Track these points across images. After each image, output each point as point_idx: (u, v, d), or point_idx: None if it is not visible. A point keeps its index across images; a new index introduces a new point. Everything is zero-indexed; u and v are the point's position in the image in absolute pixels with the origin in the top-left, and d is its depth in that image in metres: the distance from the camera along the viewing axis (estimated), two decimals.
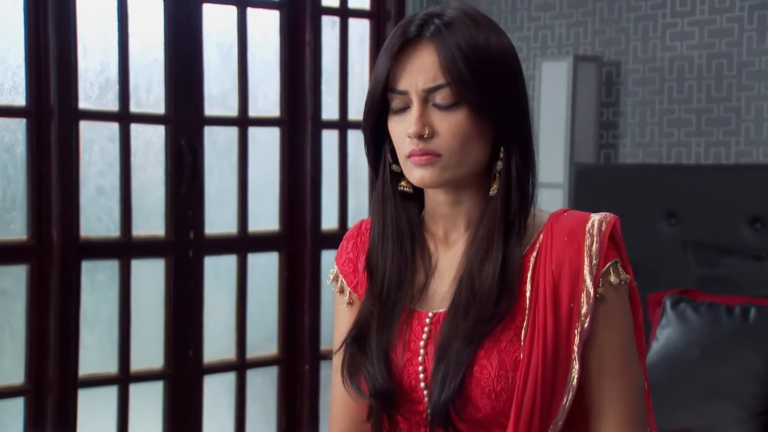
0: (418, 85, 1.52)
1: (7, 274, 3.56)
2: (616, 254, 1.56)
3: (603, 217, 1.57)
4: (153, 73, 3.82)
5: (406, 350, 1.57)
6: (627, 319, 1.57)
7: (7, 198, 3.56)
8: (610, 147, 4.12)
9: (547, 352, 1.50)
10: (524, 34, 4.34)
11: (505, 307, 1.52)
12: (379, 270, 1.61)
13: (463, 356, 1.51)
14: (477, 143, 1.53)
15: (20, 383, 3.59)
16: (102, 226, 3.74)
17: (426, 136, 1.52)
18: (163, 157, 3.84)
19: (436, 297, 1.60)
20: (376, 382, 1.55)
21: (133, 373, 3.79)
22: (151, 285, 3.83)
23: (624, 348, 1.55)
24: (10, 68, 3.54)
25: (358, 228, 1.72)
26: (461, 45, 1.50)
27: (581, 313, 1.52)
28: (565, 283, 1.52)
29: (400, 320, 1.58)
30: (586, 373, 1.55)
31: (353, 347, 1.59)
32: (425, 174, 1.53)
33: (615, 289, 1.54)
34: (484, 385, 1.51)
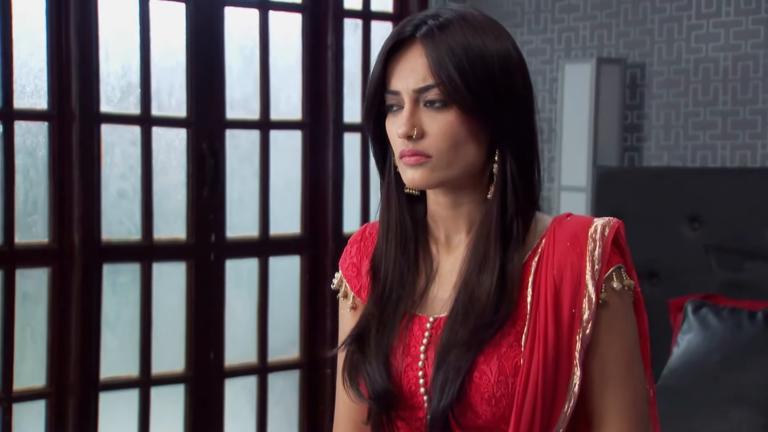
0: (409, 86, 1.52)
1: (28, 277, 3.57)
2: (620, 259, 1.54)
3: (606, 221, 1.54)
4: (175, 77, 3.83)
5: (406, 355, 1.55)
6: (631, 326, 1.54)
7: (28, 201, 3.57)
8: (635, 150, 4.08)
9: (548, 358, 1.48)
10: (548, 36, 4.30)
11: (503, 314, 1.51)
12: (382, 272, 1.60)
13: (462, 362, 1.49)
14: (469, 144, 1.52)
15: (42, 386, 3.60)
16: (123, 230, 3.75)
17: (415, 136, 1.51)
18: (184, 160, 3.84)
19: (438, 302, 1.58)
20: (375, 384, 1.54)
21: (155, 377, 3.79)
22: (173, 288, 3.84)
23: (627, 355, 1.53)
24: (32, 72, 3.55)
25: (362, 232, 1.71)
26: (452, 47, 1.49)
27: (583, 319, 1.50)
28: (566, 288, 1.50)
29: (401, 325, 1.57)
30: (588, 379, 1.52)
31: (354, 348, 1.58)
32: (415, 175, 1.52)
33: (618, 294, 1.52)
34: (483, 391, 1.49)
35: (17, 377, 3.53)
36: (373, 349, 1.56)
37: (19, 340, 3.53)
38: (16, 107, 3.50)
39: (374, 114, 1.57)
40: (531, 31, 4.34)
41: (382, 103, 1.56)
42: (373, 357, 1.55)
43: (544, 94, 4.30)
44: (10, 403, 3.52)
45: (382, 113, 1.57)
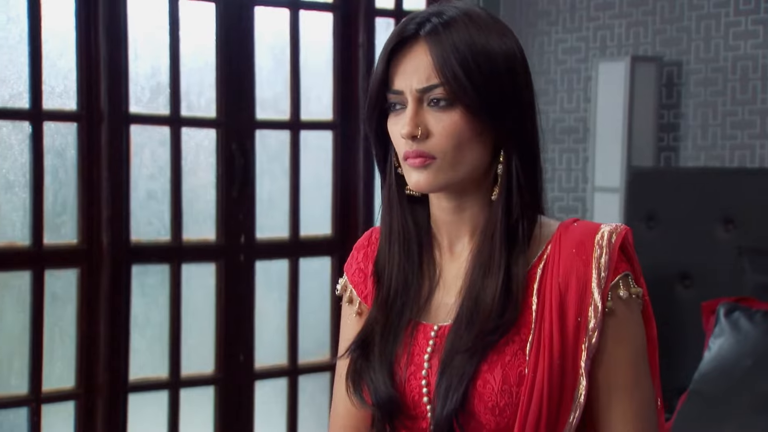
0: (413, 85, 1.48)
1: (57, 278, 3.57)
2: (627, 267, 1.49)
3: (614, 228, 1.50)
4: (204, 77, 3.81)
5: (410, 363, 1.52)
6: (638, 335, 1.50)
7: (57, 202, 3.57)
8: (671, 150, 4.01)
9: (553, 368, 1.45)
10: (583, 34, 4.24)
11: (508, 318, 1.47)
12: (386, 276, 1.56)
13: (465, 369, 1.46)
14: (474, 145, 1.48)
15: (71, 387, 3.60)
16: (152, 230, 3.74)
17: (419, 136, 1.47)
18: (214, 160, 3.83)
19: (442, 309, 1.55)
20: (378, 392, 1.51)
21: (184, 378, 3.78)
22: (202, 289, 3.82)
23: (634, 364, 1.49)
24: (61, 72, 3.55)
25: (368, 237, 1.67)
26: (457, 45, 1.46)
27: (588, 328, 1.46)
28: (572, 296, 1.47)
29: (406, 332, 1.53)
30: (594, 389, 1.48)
31: (358, 354, 1.54)
32: (420, 178, 1.49)
33: (625, 303, 1.48)
34: (487, 400, 1.45)
35: (46, 378, 3.53)
36: (378, 356, 1.52)
37: (48, 341, 3.53)
38: (45, 108, 3.50)
39: (376, 114, 1.53)
40: (566, 29, 4.28)
41: (384, 103, 1.52)
42: (377, 364, 1.52)
43: (578, 93, 4.24)
44: (39, 404, 3.52)
45: (384, 113, 1.53)
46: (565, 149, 4.27)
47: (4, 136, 3.47)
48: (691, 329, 3.36)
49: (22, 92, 3.47)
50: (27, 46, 3.46)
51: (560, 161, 4.29)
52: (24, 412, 3.52)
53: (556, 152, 4.30)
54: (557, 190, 4.29)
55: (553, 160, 4.30)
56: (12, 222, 3.49)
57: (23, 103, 3.47)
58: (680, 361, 3.36)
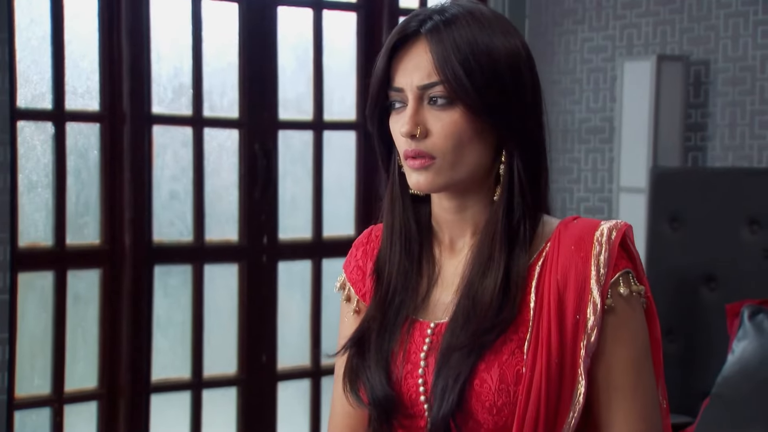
0: (413, 82, 1.46)
1: (80, 278, 3.58)
2: (628, 264, 1.47)
3: (614, 224, 1.48)
4: (227, 77, 3.81)
5: (406, 362, 1.50)
6: (640, 333, 1.47)
7: (80, 202, 3.58)
8: (698, 150, 3.96)
9: (551, 366, 1.42)
10: (609, 32, 4.20)
11: (506, 317, 1.45)
12: (386, 275, 1.55)
13: (462, 368, 1.44)
14: (474, 145, 1.46)
15: (93, 387, 3.61)
16: (175, 231, 3.74)
17: (418, 135, 1.45)
18: (236, 161, 3.82)
19: (440, 307, 1.53)
20: (374, 390, 1.49)
21: (206, 379, 3.78)
22: (224, 290, 3.82)
23: (636, 364, 1.46)
24: (84, 73, 3.56)
25: (368, 235, 1.65)
26: (458, 43, 1.44)
27: (587, 326, 1.43)
28: (570, 293, 1.44)
29: (402, 329, 1.51)
30: (595, 389, 1.46)
31: (354, 352, 1.53)
32: (420, 179, 1.47)
33: (626, 300, 1.45)
34: (484, 400, 1.43)
35: (69, 378, 3.54)
36: (374, 354, 1.51)
37: (70, 342, 3.54)
38: (67, 108, 3.51)
39: (378, 112, 1.52)
40: (592, 28, 4.24)
41: (386, 101, 1.50)
42: (373, 362, 1.50)
43: (604, 92, 4.20)
44: (62, 404, 3.53)
45: (386, 111, 1.51)
46: (590, 149, 4.23)
47: (27, 136, 3.48)
48: (715, 332, 3.31)
49: (45, 93, 3.48)
50: (50, 46, 3.47)
51: (586, 161, 4.25)
52: (46, 412, 3.53)
53: (582, 152, 4.26)
54: (583, 191, 4.25)
55: (578, 161, 4.26)
56: (35, 222, 3.50)
57: (46, 103, 3.48)
58: (705, 364, 3.32)
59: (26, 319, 3.48)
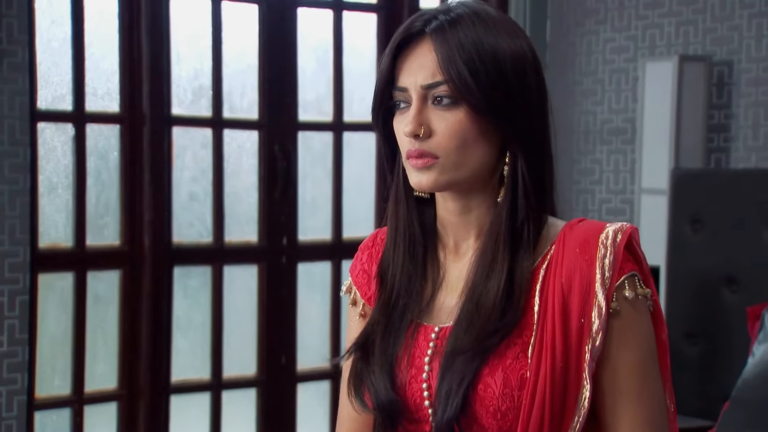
0: (417, 82, 1.45)
1: (100, 279, 3.59)
2: (634, 267, 1.44)
3: (619, 227, 1.46)
4: (247, 79, 3.81)
5: (410, 366, 1.49)
6: (646, 337, 1.45)
7: (100, 204, 3.59)
8: (721, 151, 3.93)
9: (556, 371, 1.40)
10: (631, 33, 4.17)
11: (509, 320, 1.43)
12: (390, 277, 1.53)
13: (466, 371, 1.42)
14: (478, 145, 1.45)
15: (113, 388, 3.62)
16: (194, 232, 3.75)
17: (422, 135, 1.44)
18: (256, 162, 3.82)
19: (444, 310, 1.51)
20: (379, 395, 1.48)
21: (226, 380, 3.78)
22: (244, 291, 3.82)
23: (641, 368, 1.43)
24: (105, 74, 3.57)
25: (373, 238, 1.64)
26: (463, 43, 1.43)
27: (592, 330, 1.41)
28: (575, 297, 1.42)
29: (407, 333, 1.50)
30: (600, 394, 1.44)
31: (358, 356, 1.51)
32: (422, 178, 1.45)
33: (631, 304, 1.43)
34: (488, 404, 1.42)
35: (89, 379, 3.55)
36: (378, 358, 1.49)
37: (90, 342, 3.56)
38: (87, 110, 3.52)
39: (382, 112, 1.51)
40: (614, 28, 4.21)
41: (390, 101, 1.49)
42: (378, 366, 1.49)
43: (627, 93, 4.17)
44: (82, 404, 3.54)
45: (391, 111, 1.50)
46: (612, 150, 4.20)
47: (48, 138, 3.49)
48: (736, 335, 3.28)
49: (65, 94, 3.50)
50: (70, 48, 3.49)
51: (608, 163, 4.22)
52: (67, 412, 3.54)
53: (604, 153, 4.23)
54: (605, 192, 4.22)
55: (600, 162, 4.23)
56: (55, 223, 3.52)
57: (66, 105, 3.50)
58: (726, 367, 3.28)
59: (46, 320, 3.50)
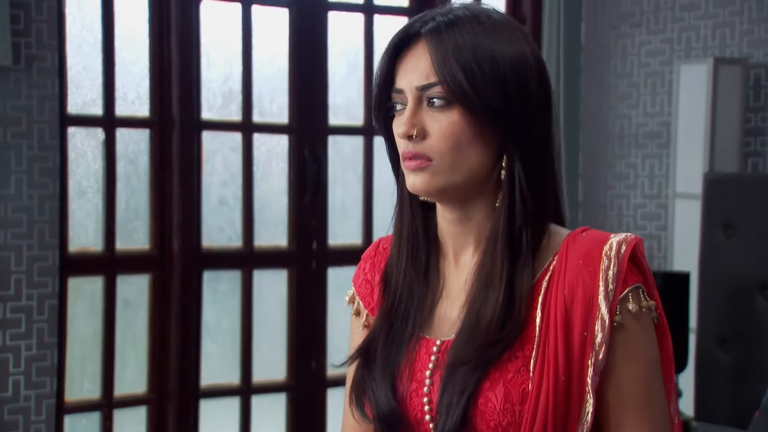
0: (412, 83, 1.43)
1: (130, 283, 3.60)
2: (638, 279, 1.41)
3: (623, 238, 1.42)
4: (277, 83, 3.81)
5: (412, 380, 1.46)
6: (650, 350, 1.41)
7: (130, 208, 3.60)
8: (758, 155, 3.86)
9: (558, 385, 1.37)
10: (667, 35, 4.11)
11: (510, 331, 1.40)
12: (393, 283, 1.51)
13: (467, 384, 1.39)
14: (473, 148, 1.41)
15: (142, 392, 3.62)
16: (224, 237, 3.74)
17: (415, 136, 1.41)
18: (286, 166, 3.82)
19: (446, 323, 1.48)
20: (380, 407, 1.45)
21: (255, 385, 3.77)
22: (274, 296, 3.81)
23: (646, 382, 1.40)
24: (135, 79, 3.58)
25: (375, 247, 1.62)
26: (459, 45, 1.40)
27: (595, 343, 1.38)
28: (577, 309, 1.39)
29: (408, 346, 1.47)
30: (603, 409, 1.40)
31: (360, 364, 1.49)
32: (416, 180, 1.43)
33: (635, 317, 1.40)
34: (489, 419, 1.38)
35: (118, 383, 3.56)
36: (379, 367, 1.47)
37: (119, 346, 3.56)
38: (117, 114, 3.53)
39: (383, 114, 1.48)
40: (649, 31, 4.16)
41: (389, 102, 1.47)
42: (379, 376, 1.46)
43: (662, 96, 4.12)
44: (111, 408, 3.55)
45: (391, 114, 1.48)
46: (648, 154, 4.15)
47: (78, 142, 3.51)
48: None
49: (95, 99, 3.51)
50: (100, 53, 3.50)
51: (643, 167, 4.16)
52: (96, 416, 3.55)
53: (639, 158, 4.17)
54: (639, 197, 4.17)
55: (635, 166, 4.18)
56: (85, 228, 3.53)
57: (96, 109, 3.51)
58: (760, 374, 3.22)
59: (76, 324, 3.51)
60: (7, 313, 3.33)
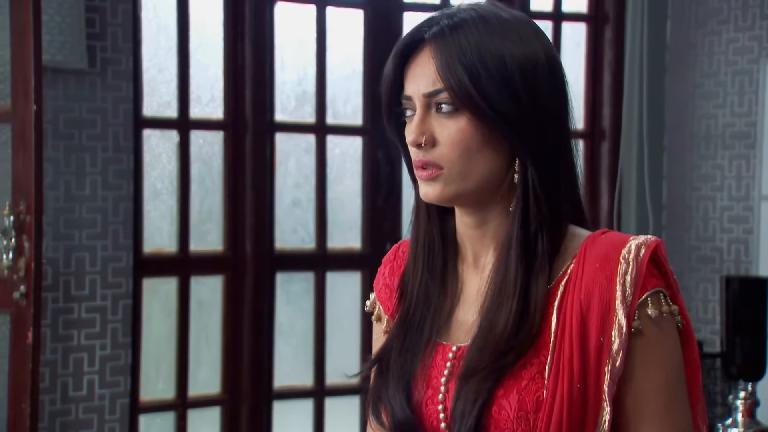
0: (420, 90, 1.39)
1: (203, 284, 3.63)
2: (659, 282, 1.35)
3: (643, 240, 1.36)
4: (351, 85, 3.80)
5: (427, 387, 1.42)
6: (672, 357, 1.35)
7: (203, 210, 3.62)
8: None
9: (574, 392, 1.32)
10: (755, 33, 3.97)
11: (524, 340, 1.35)
12: (409, 289, 1.47)
13: (480, 391, 1.35)
14: (484, 154, 1.37)
15: (216, 393, 3.64)
16: (297, 238, 3.75)
17: (425, 144, 1.38)
18: (359, 168, 3.80)
19: (462, 328, 1.44)
20: (396, 414, 1.42)
21: (329, 387, 3.76)
22: (347, 298, 3.80)
23: (667, 390, 1.34)
24: (209, 81, 3.61)
25: (395, 251, 1.59)
26: (464, 48, 1.36)
27: (612, 350, 1.32)
28: (594, 315, 1.33)
29: (425, 352, 1.44)
30: (623, 417, 1.35)
31: (377, 372, 1.46)
32: (428, 190, 1.39)
33: (655, 322, 1.34)
34: (503, 427, 1.34)
35: (192, 383, 3.59)
36: (394, 375, 1.43)
37: (193, 347, 3.59)
38: (192, 117, 3.56)
39: (394, 120, 1.45)
40: (737, 28, 4.02)
41: (399, 107, 1.44)
42: (394, 384, 1.43)
43: (750, 95, 3.98)
44: (185, 408, 3.58)
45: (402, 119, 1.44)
46: (735, 155, 4.02)
47: (153, 145, 3.55)
48: None
49: (170, 101, 3.55)
50: (175, 55, 3.54)
51: (729, 168, 4.03)
52: (171, 416, 3.59)
53: (726, 159, 4.04)
54: (726, 199, 4.03)
55: (722, 167, 4.05)
56: (159, 229, 3.57)
57: (171, 111, 3.55)
58: None
59: (151, 324, 3.55)
60: (82, 312, 3.39)
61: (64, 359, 3.35)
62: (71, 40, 3.28)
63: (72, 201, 3.35)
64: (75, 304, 3.37)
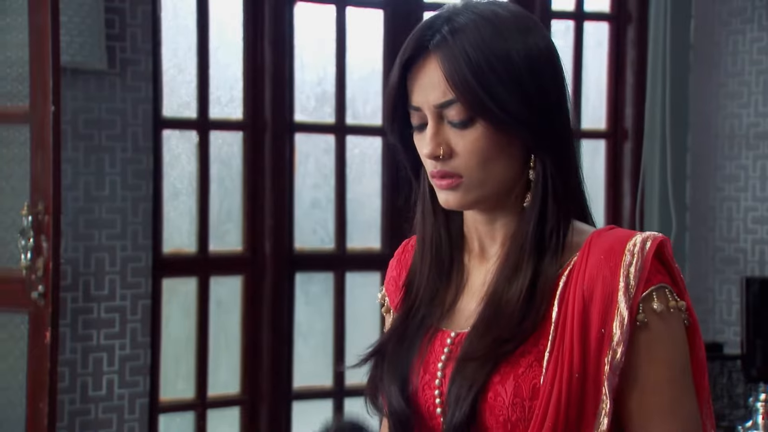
0: (430, 101, 1.37)
1: (222, 284, 3.63)
2: (664, 278, 1.34)
3: (648, 235, 1.35)
4: (370, 85, 3.80)
5: (424, 372, 1.43)
6: (678, 352, 1.34)
7: (223, 210, 3.63)
8: None
9: (572, 382, 1.31)
10: None
11: (527, 327, 1.35)
12: (415, 287, 1.48)
13: (476, 377, 1.35)
14: (501, 158, 1.37)
15: (236, 393, 3.65)
16: (316, 239, 3.75)
17: (442, 156, 1.37)
18: (379, 169, 3.80)
19: (464, 315, 1.44)
20: (392, 401, 1.43)
21: (348, 388, 3.76)
22: (366, 298, 3.80)
23: (672, 386, 1.32)
24: (228, 82, 3.62)
25: (404, 245, 1.61)
26: (469, 53, 1.34)
27: (613, 341, 1.31)
28: (596, 305, 1.32)
29: (424, 339, 1.44)
30: (627, 413, 1.33)
31: (374, 363, 1.47)
32: (449, 198, 1.39)
33: (660, 317, 1.32)
34: (498, 414, 1.34)
35: (212, 383, 3.59)
36: (391, 364, 1.44)
37: (213, 347, 3.60)
38: (211, 117, 3.56)
39: (397, 126, 1.44)
40: (762, 27, 3.99)
41: (404, 112, 1.42)
42: (390, 372, 1.44)
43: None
44: (205, 408, 3.59)
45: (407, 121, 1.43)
46: (759, 155, 3.98)
47: (173, 145, 3.56)
48: None
49: (189, 102, 3.56)
50: (195, 56, 3.54)
51: (754, 168, 3.99)
52: (190, 416, 3.60)
53: (750, 159, 4.00)
54: (751, 200, 4.00)
55: (746, 167, 4.01)
56: (179, 229, 3.58)
57: (191, 112, 3.55)
58: None
59: (170, 324, 3.56)
60: (101, 312, 3.40)
61: (83, 359, 3.37)
62: (91, 41, 3.29)
63: (91, 201, 3.36)
64: (94, 304, 3.39)
